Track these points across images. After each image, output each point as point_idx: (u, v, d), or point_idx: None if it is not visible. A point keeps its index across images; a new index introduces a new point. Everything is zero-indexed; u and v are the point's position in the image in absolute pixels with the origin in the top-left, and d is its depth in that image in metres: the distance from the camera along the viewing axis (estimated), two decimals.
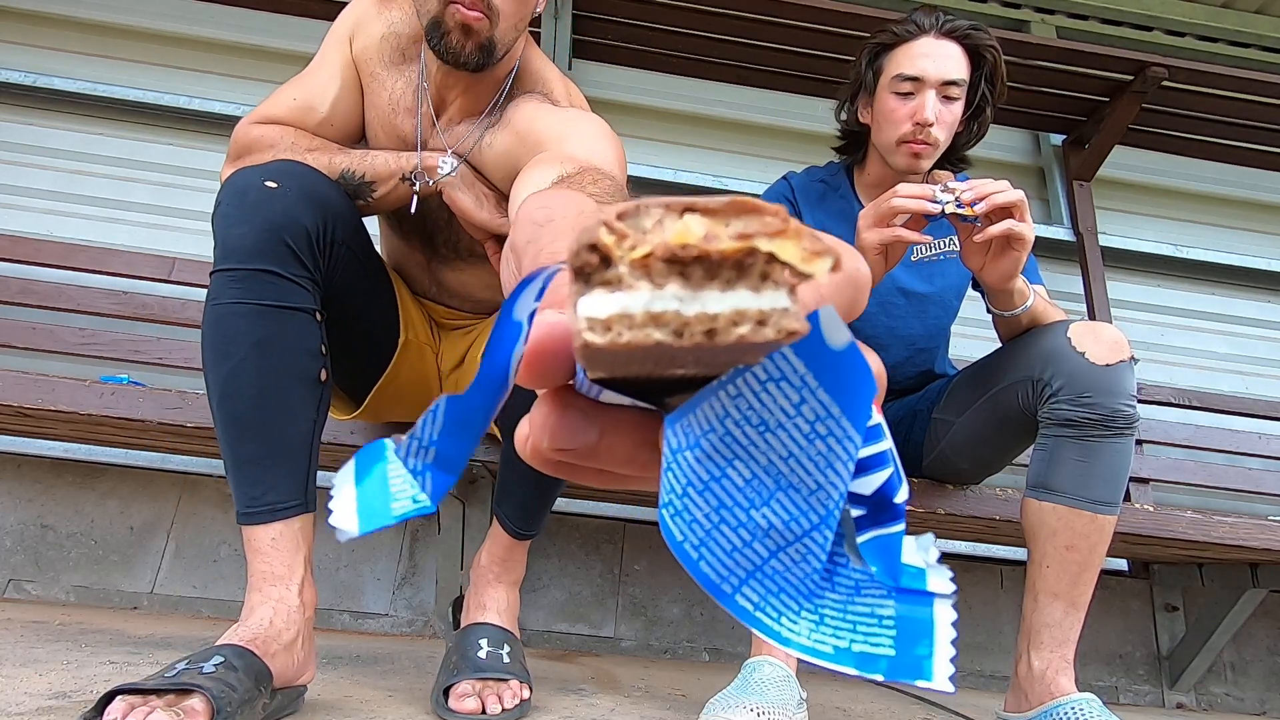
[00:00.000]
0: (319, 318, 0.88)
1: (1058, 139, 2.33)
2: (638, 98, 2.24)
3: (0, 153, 1.95)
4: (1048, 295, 1.17)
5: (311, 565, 0.85)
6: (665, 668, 1.53)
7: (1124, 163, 2.31)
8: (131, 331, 1.66)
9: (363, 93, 1.05)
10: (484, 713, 0.84)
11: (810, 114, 2.21)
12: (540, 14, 1.02)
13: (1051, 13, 2.52)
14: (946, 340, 1.36)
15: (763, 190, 1.37)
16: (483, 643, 0.95)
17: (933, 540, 0.22)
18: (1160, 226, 2.36)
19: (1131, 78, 2.01)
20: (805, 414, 0.18)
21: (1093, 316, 2.06)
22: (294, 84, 1.03)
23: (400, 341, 1.09)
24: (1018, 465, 1.26)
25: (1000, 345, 1.16)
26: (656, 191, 2.10)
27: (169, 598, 1.64)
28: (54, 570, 1.63)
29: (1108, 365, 0.99)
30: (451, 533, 1.51)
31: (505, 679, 0.89)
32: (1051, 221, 2.22)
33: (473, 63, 0.94)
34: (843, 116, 1.29)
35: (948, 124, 1.16)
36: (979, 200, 0.95)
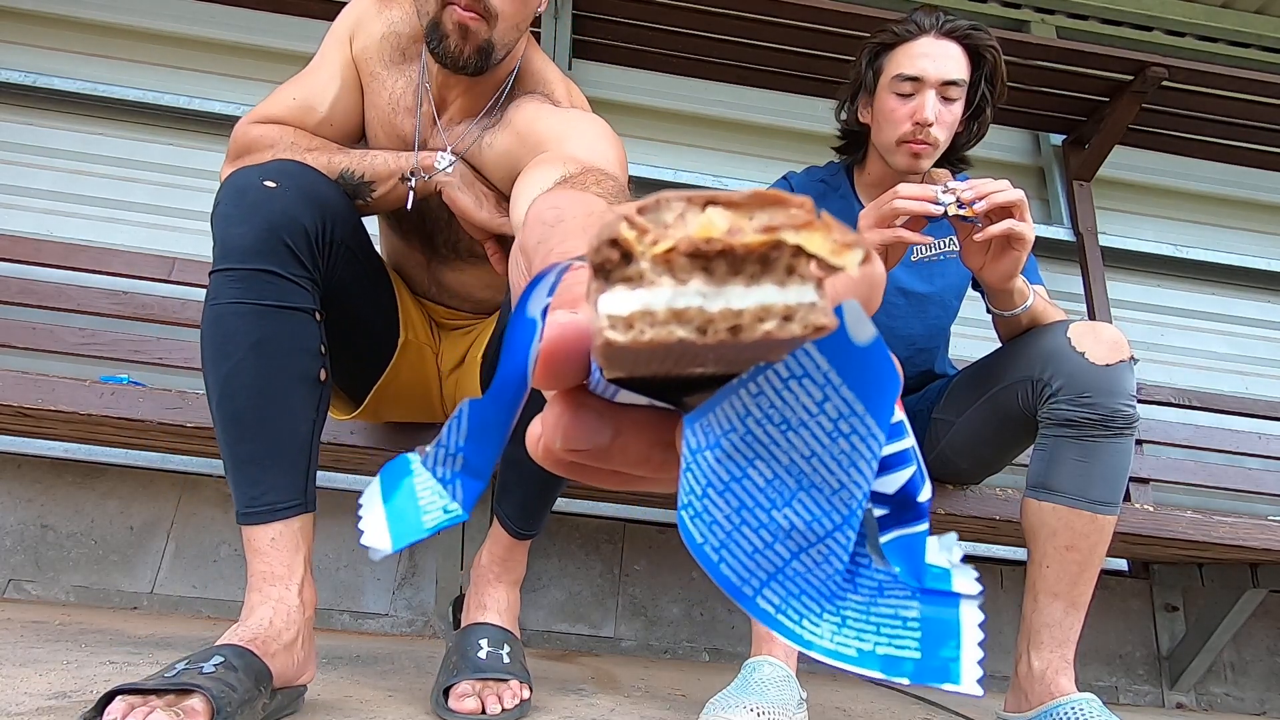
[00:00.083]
0: (318, 317, 0.88)
1: (1058, 139, 2.33)
2: (638, 98, 2.24)
3: (0, 153, 1.95)
4: (1048, 295, 1.17)
5: (311, 565, 0.85)
6: (665, 668, 1.53)
7: (1124, 163, 2.31)
8: (131, 331, 1.66)
9: (363, 92, 1.04)
10: (484, 713, 0.84)
11: (810, 114, 2.21)
12: (541, 14, 1.02)
13: (1051, 13, 2.52)
14: (946, 340, 1.36)
15: None
16: (483, 643, 0.95)
17: (956, 540, 0.21)
18: (1160, 226, 2.36)
19: (1131, 78, 2.01)
20: (828, 412, 0.17)
21: (1093, 316, 2.06)
22: (293, 83, 1.03)
23: (400, 341, 1.09)
24: (1018, 465, 1.26)
25: (1000, 345, 1.17)
26: (657, 192, 2.10)
27: (169, 598, 1.64)
28: (54, 570, 1.63)
29: (1107, 365, 1.00)
30: (451, 533, 1.51)
31: (505, 679, 0.89)
32: (1051, 221, 2.22)
33: (470, 66, 0.94)
34: (843, 116, 1.29)
35: (947, 124, 1.16)
36: (979, 199, 0.95)
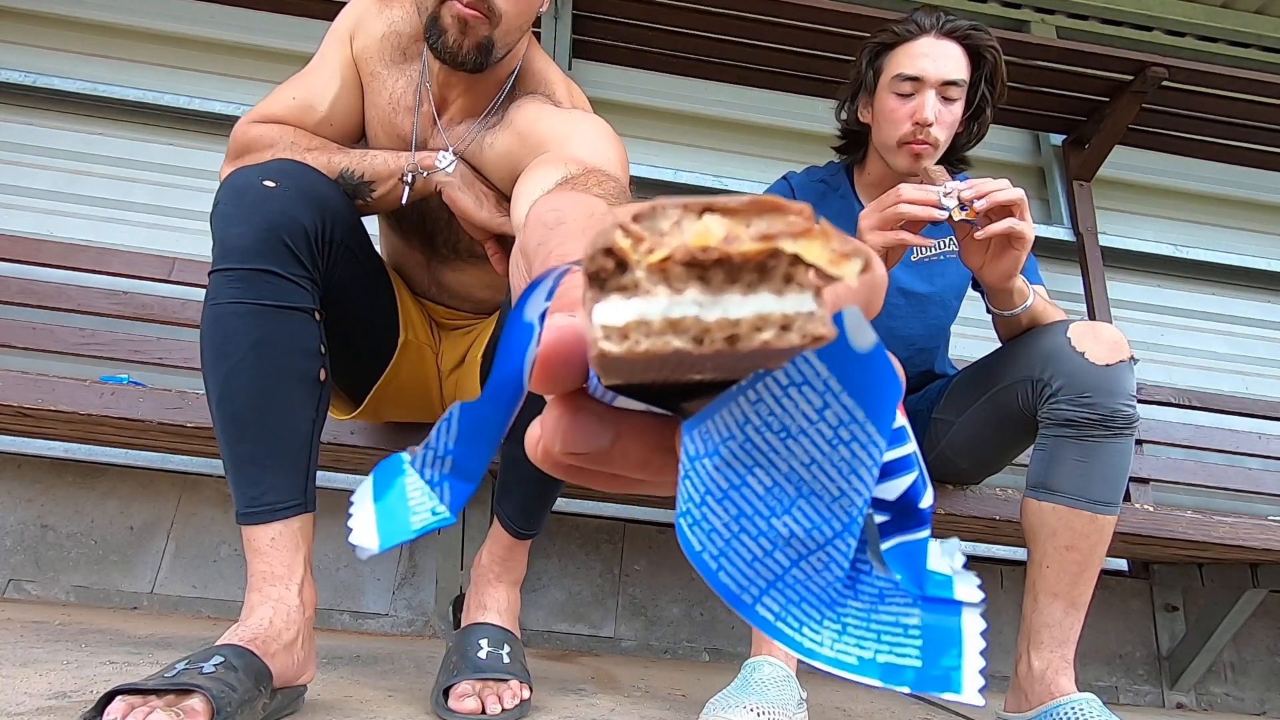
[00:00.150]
0: (318, 317, 0.88)
1: (1058, 139, 2.33)
2: (638, 98, 2.24)
3: (0, 153, 1.95)
4: (1048, 295, 1.17)
5: (311, 565, 0.85)
6: (665, 668, 1.53)
7: (1124, 163, 2.31)
8: (131, 331, 1.66)
9: (363, 92, 1.04)
10: (484, 713, 0.84)
11: (810, 114, 2.20)
12: (541, 14, 1.01)
13: (1051, 13, 2.52)
14: (946, 340, 1.36)
15: (763, 190, 1.37)
16: (483, 643, 0.95)
17: (958, 545, 0.21)
18: (1160, 226, 2.36)
19: (1131, 78, 2.01)
20: (828, 419, 0.17)
21: (1093, 316, 2.06)
22: (293, 83, 1.03)
23: (400, 341, 1.09)
24: (1018, 465, 1.26)
25: (1000, 345, 1.16)
26: (657, 192, 2.10)
27: (169, 598, 1.64)
28: (54, 570, 1.63)
29: (1107, 365, 0.99)
30: (451, 533, 1.51)
31: (505, 679, 0.89)
32: (1051, 221, 2.22)
33: (470, 63, 0.93)
34: (843, 116, 1.29)
35: (947, 124, 1.16)
36: (979, 198, 0.95)
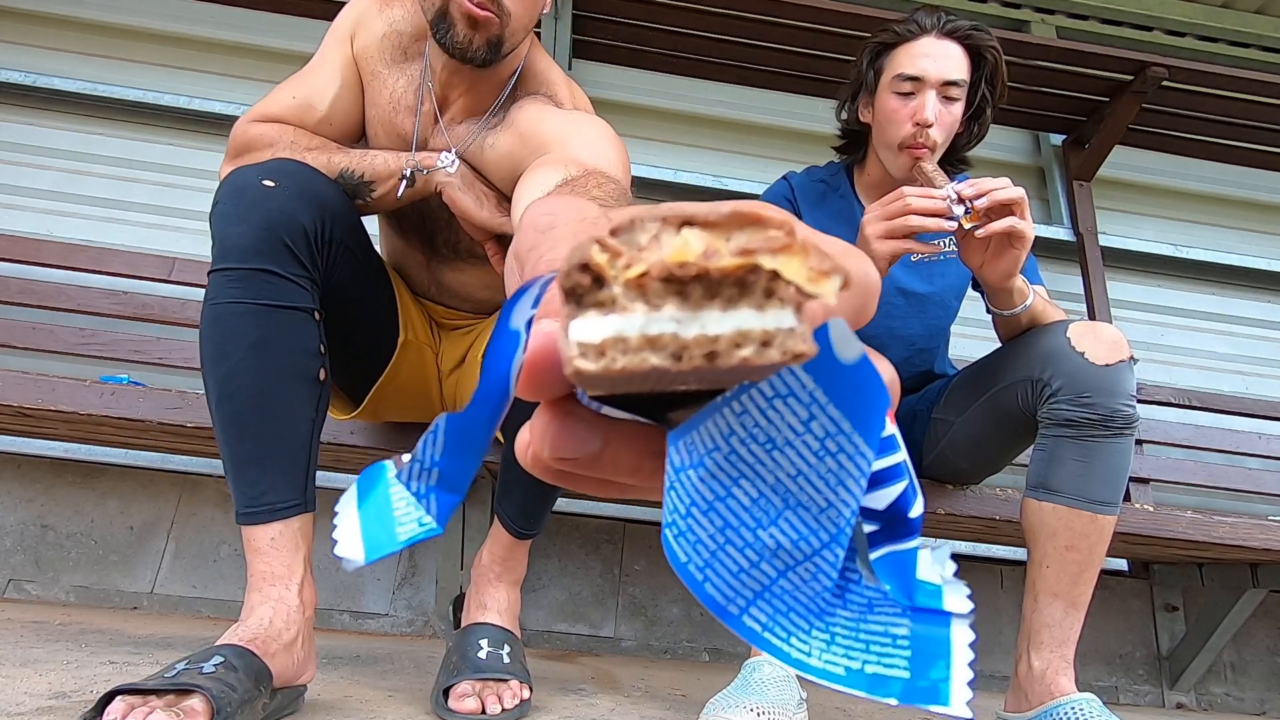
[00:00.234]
0: (318, 317, 0.87)
1: (1058, 139, 2.33)
2: (638, 98, 2.24)
3: (0, 153, 1.95)
4: (1048, 295, 1.17)
5: (311, 565, 0.85)
6: (665, 668, 1.53)
7: (1124, 163, 2.31)
8: (131, 331, 1.66)
9: (363, 91, 1.04)
10: (484, 713, 0.84)
11: (810, 114, 2.21)
12: (544, 14, 1.02)
13: (1051, 13, 2.52)
14: (946, 340, 1.36)
15: (763, 190, 1.37)
16: (483, 643, 0.95)
17: (949, 554, 0.21)
18: (1160, 226, 2.36)
19: (1131, 78, 2.01)
20: (814, 430, 0.17)
21: (1093, 316, 2.06)
22: (293, 82, 1.02)
23: (400, 341, 1.09)
24: (1018, 465, 1.26)
25: (1000, 345, 1.16)
26: (657, 192, 2.10)
27: (169, 598, 1.64)
28: (54, 570, 1.63)
29: (1107, 365, 0.99)
30: (451, 533, 1.51)
31: (505, 679, 0.89)
32: (1051, 221, 2.22)
33: (480, 57, 0.93)
34: (843, 116, 1.29)
35: (947, 125, 1.15)
36: (980, 196, 0.95)
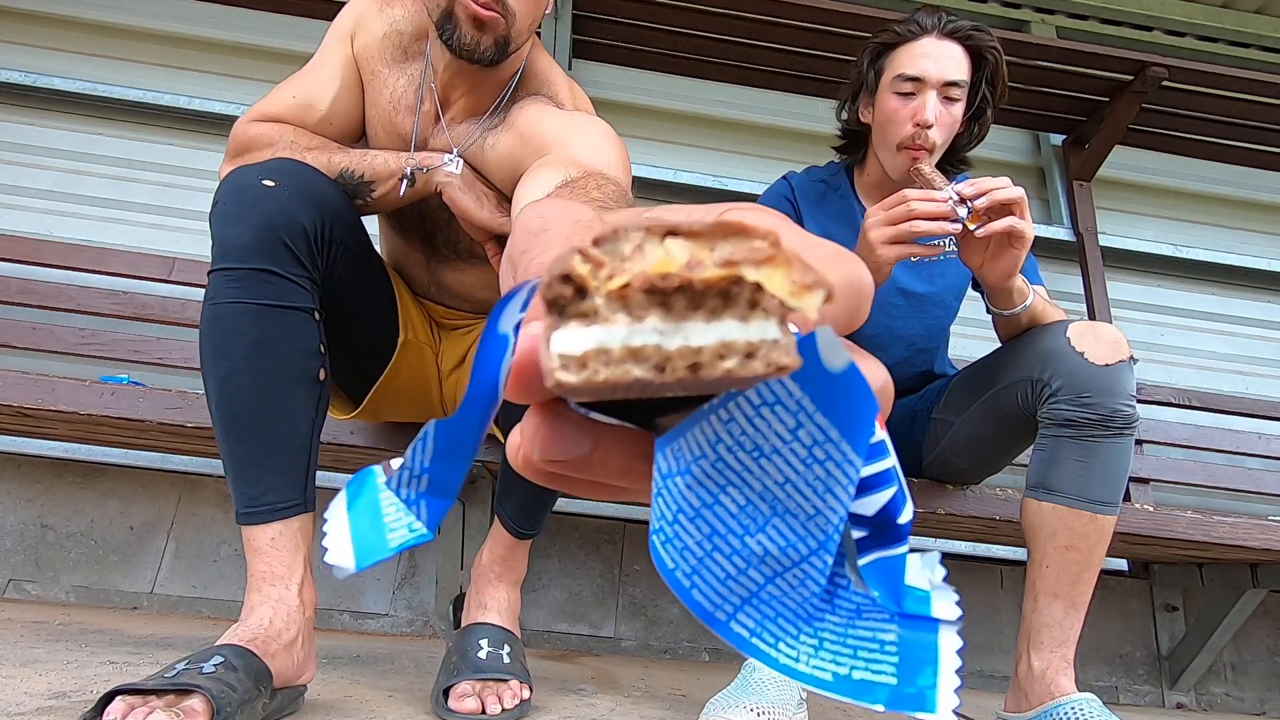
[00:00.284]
0: (317, 317, 0.87)
1: (1058, 139, 2.33)
2: (638, 98, 2.24)
3: (0, 153, 1.95)
4: (1048, 295, 1.17)
5: (311, 565, 0.85)
6: (665, 668, 1.53)
7: (1124, 163, 2.31)
8: (131, 331, 1.66)
9: (363, 91, 1.04)
10: (484, 713, 0.84)
11: (810, 114, 2.21)
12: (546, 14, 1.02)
13: (1051, 13, 2.52)
14: (946, 341, 1.36)
15: (763, 190, 1.37)
16: (483, 643, 0.95)
17: (939, 559, 0.21)
18: (1160, 226, 2.36)
19: (1131, 78, 2.01)
20: (802, 438, 0.17)
21: (1093, 316, 2.06)
22: (293, 81, 1.02)
23: (399, 341, 1.09)
24: (1018, 465, 1.26)
25: (1000, 345, 1.16)
26: (657, 192, 2.10)
27: (169, 598, 1.64)
28: (54, 570, 1.63)
29: (1107, 365, 0.99)
30: (451, 533, 1.51)
31: (505, 679, 0.89)
32: (1051, 221, 2.22)
33: (487, 57, 0.94)
34: (844, 116, 1.29)
35: (947, 125, 1.15)
36: (981, 195, 0.95)
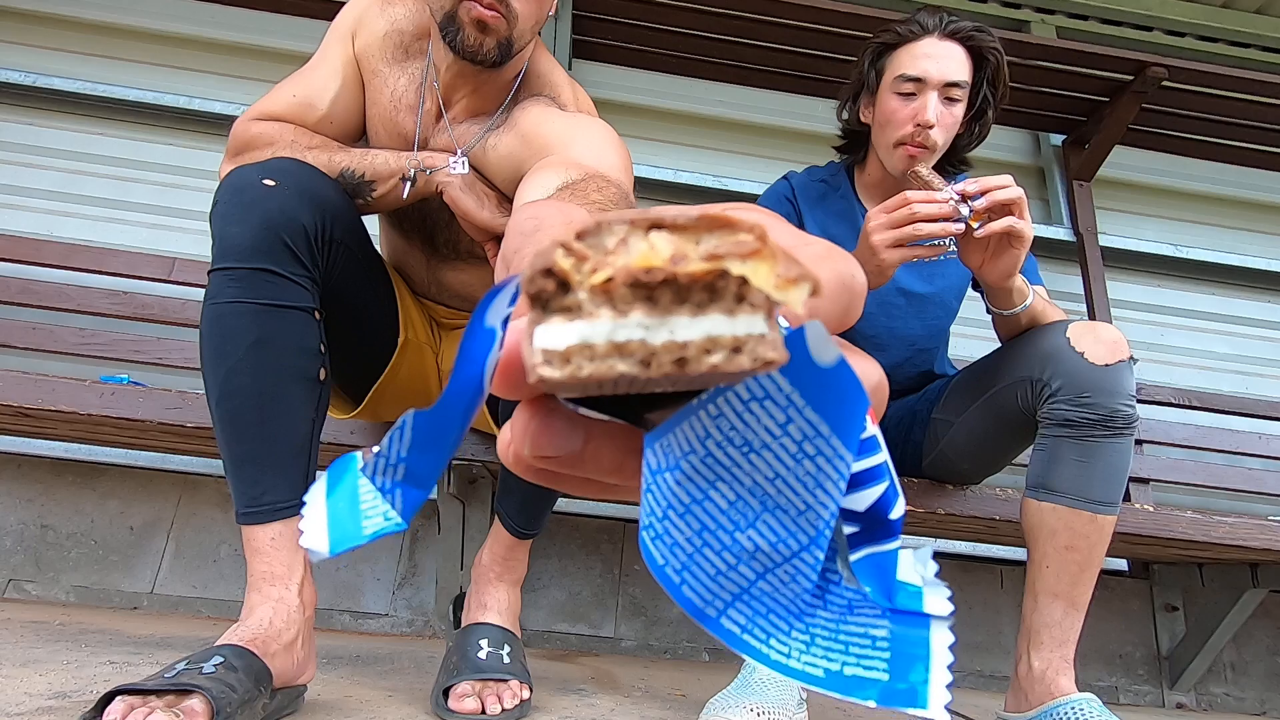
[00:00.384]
0: (318, 316, 0.87)
1: (1058, 139, 2.33)
2: (638, 98, 2.24)
3: (0, 153, 1.95)
4: (1047, 295, 1.17)
5: (311, 565, 0.85)
6: (665, 668, 1.53)
7: (1124, 163, 2.31)
8: (131, 331, 1.66)
9: (364, 90, 1.04)
10: (484, 713, 0.84)
11: (810, 114, 2.21)
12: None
13: (1051, 13, 2.52)
14: (946, 340, 1.36)
15: (763, 190, 1.37)
16: (483, 643, 0.95)
17: (931, 554, 0.21)
18: (1160, 226, 2.36)
19: (1131, 78, 2.01)
20: (792, 433, 0.17)
21: (1093, 316, 2.06)
22: (294, 80, 1.02)
23: (400, 341, 1.09)
24: (1018, 465, 1.26)
25: (1000, 345, 1.16)
26: (658, 192, 2.10)
27: (169, 598, 1.64)
28: (54, 570, 1.63)
29: (1107, 365, 0.99)
30: (452, 533, 1.51)
31: (505, 679, 0.89)
32: (1051, 221, 2.22)
33: (490, 59, 0.94)
34: (844, 116, 1.29)
35: (948, 126, 1.15)
36: (981, 194, 0.95)
